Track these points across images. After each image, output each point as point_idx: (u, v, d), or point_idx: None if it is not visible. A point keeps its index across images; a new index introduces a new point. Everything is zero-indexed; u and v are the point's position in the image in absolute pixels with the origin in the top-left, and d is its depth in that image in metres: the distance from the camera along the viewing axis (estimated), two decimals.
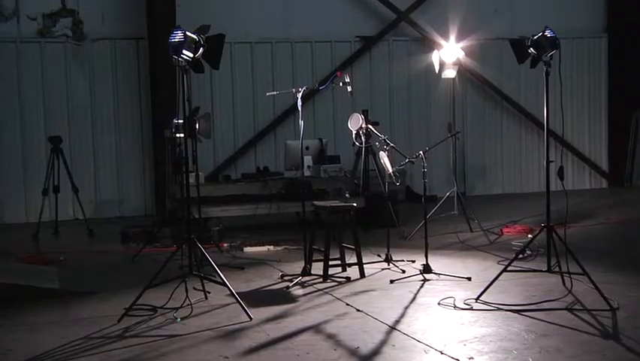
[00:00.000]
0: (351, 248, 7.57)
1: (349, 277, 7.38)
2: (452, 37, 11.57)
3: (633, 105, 14.70)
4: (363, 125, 8.71)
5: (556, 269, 6.57)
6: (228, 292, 6.25)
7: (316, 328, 5.68)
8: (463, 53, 10.82)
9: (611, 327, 5.45)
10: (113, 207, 13.11)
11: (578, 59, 14.86)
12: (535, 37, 6.38)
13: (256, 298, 6.64)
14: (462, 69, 12.12)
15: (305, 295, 6.80)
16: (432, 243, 8.51)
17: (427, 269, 7.35)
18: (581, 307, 5.95)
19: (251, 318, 5.87)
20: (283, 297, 6.73)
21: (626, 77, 14.75)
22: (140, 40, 13.06)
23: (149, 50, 12.81)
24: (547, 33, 6.30)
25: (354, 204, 7.80)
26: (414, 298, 6.54)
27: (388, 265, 7.89)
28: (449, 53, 10.43)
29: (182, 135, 7.98)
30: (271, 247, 9.30)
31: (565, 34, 13.51)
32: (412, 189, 13.40)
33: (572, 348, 4.97)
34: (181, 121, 7.36)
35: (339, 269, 7.59)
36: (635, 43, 14.55)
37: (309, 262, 7.47)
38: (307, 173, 10.18)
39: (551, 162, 6.53)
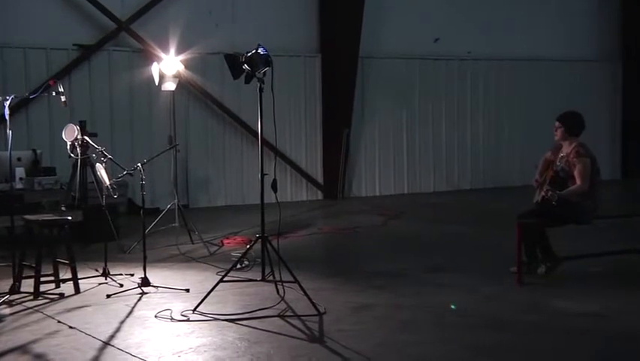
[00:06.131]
0: (65, 263, 7.30)
1: (63, 294, 7.11)
2: (172, 49, 11.62)
3: (344, 123, 15.65)
4: (79, 137, 8.48)
5: (271, 278, 6.83)
6: None
7: (23, 348, 5.41)
8: (183, 66, 10.91)
9: (318, 331, 5.79)
10: None
11: (295, 76, 15.46)
12: (249, 54, 6.57)
13: None
14: (183, 82, 12.18)
15: (12, 314, 6.44)
16: (152, 256, 8.50)
17: (145, 282, 7.29)
18: (292, 314, 6.25)
19: None
20: None
21: (337, 96, 15.69)
22: None
23: None
24: (260, 50, 6.52)
25: (69, 218, 7.52)
26: (131, 312, 6.45)
27: (106, 279, 7.72)
28: (169, 66, 10.45)
29: None
30: None
31: (282, 51, 14.14)
32: (134, 202, 13.19)
33: (281, 353, 5.20)
34: None
35: (53, 286, 7.28)
36: (344, 64, 15.48)
37: (18, 279, 7.10)
38: (19, 185, 9.66)
39: (265, 175, 6.78)
